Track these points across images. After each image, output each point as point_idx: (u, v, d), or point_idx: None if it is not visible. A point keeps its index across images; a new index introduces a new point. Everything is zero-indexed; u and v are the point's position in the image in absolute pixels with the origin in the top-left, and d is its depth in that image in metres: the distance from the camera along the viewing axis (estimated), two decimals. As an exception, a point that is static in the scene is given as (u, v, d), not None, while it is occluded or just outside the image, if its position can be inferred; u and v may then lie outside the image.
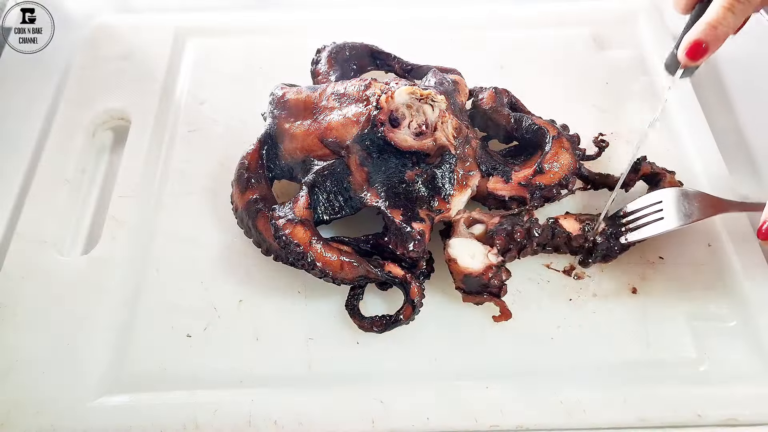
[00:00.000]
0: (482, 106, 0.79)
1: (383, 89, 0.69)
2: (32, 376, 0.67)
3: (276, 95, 0.76)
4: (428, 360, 0.68)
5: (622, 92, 0.91)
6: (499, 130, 0.79)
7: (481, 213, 0.71)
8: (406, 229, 0.66)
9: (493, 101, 0.78)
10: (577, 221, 0.72)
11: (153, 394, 0.66)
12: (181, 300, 0.72)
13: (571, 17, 1.00)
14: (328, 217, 0.70)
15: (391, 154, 0.67)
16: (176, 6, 1.06)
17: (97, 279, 0.74)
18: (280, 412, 0.64)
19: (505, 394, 0.65)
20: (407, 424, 0.64)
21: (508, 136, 0.79)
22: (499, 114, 0.78)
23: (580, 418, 0.64)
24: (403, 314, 0.67)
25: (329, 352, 0.68)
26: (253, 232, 0.72)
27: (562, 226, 0.71)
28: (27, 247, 0.76)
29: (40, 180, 0.82)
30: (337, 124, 0.69)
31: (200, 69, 0.95)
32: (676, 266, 0.74)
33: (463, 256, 0.67)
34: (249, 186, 0.73)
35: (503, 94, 0.80)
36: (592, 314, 0.70)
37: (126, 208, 0.79)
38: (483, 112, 0.79)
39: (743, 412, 0.64)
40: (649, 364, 0.67)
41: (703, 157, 0.82)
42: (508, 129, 0.78)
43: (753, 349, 0.68)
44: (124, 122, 0.89)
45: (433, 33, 0.98)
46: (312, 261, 0.66)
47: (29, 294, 0.73)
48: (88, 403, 0.65)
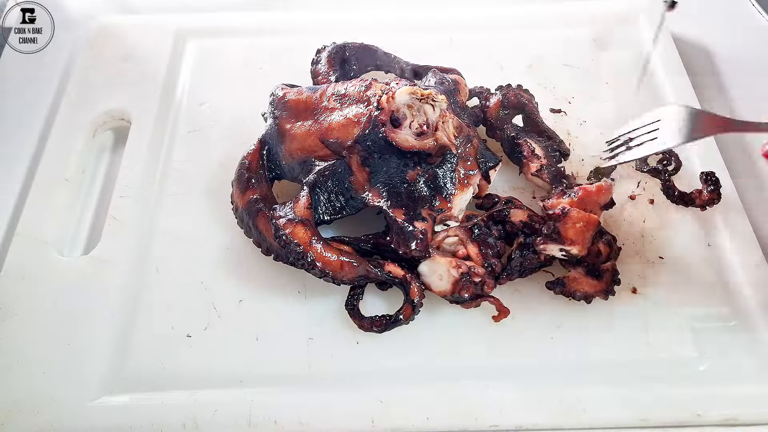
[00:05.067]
0: (486, 115, 0.80)
1: (384, 89, 0.69)
2: (32, 376, 0.67)
3: (276, 96, 0.76)
4: (428, 360, 0.68)
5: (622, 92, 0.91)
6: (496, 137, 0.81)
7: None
8: (408, 229, 0.66)
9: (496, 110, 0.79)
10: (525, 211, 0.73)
11: (153, 394, 0.66)
12: (181, 300, 0.72)
13: (571, 17, 1.00)
14: (328, 217, 0.70)
15: (393, 154, 0.67)
16: (177, 7, 1.07)
17: (97, 279, 0.74)
18: (280, 412, 0.65)
19: (504, 393, 0.65)
20: (407, 424, 0.64)
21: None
22: (496, 129, 0.80)
23: (580, 417, 0.64)
24: (403, 314, 0.67)
25: (329, 351, 0.68)
26: (253, 232, 0.72)
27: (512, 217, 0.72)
28: (27, 247, 0.76)
29: (41, 180, 0.82)
30: (338, 124, 0.69)
31: (200, 69, 0.95)
32: (676, 266, 0.74)
33: (434, 280, 0.68)
34: (249, 186, 0.73)
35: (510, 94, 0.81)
36: (591, 314, 0.70)
37: (126, 209, 0.79)
38: (486, 119, 0.81)
39: (743, 412, 0.64)
40: (649, 364, 0.67)
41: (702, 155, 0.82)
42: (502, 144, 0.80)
43: (753, 349, 0.68)
44: (125, 122, 0.89)
45: (433, 33, 0.98)
46: (312, 261, 0.66)
47: (29, 294, 0.73)
48: (88, 402, 0.65)
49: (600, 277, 0.70)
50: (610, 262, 0.71)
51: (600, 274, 0.71)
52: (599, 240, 0.71)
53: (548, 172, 0.76)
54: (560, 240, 0.68)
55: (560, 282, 0.70)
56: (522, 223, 0.71)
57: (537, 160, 0.76)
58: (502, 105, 0.80)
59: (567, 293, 0.70)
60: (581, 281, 0.70)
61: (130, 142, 0.86)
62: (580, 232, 0.68)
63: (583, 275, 0.70)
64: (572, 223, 0.68)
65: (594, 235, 0.70)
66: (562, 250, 0.68)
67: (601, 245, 0.70)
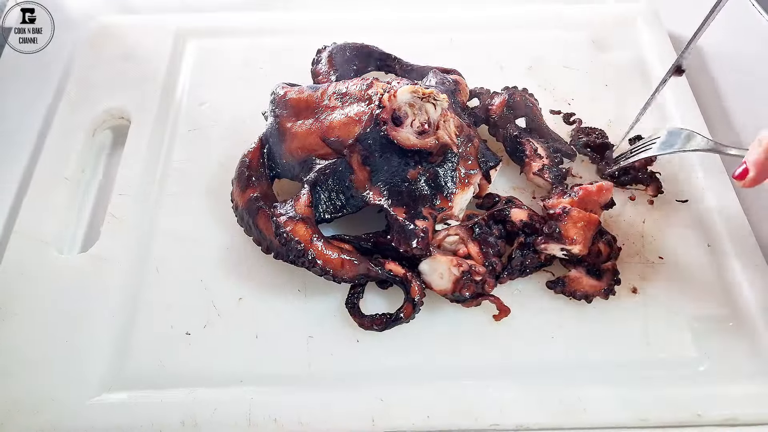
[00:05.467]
0: (490, 113, 0.81)
1: (385, 88, 0.69)
2: (32, 375, 0.67)
3: (277, 94, 0.76)
4: (428, 359, 0.68)
5: (621, 94, 0.91)
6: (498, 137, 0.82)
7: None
8: (409, 227, 0.66)
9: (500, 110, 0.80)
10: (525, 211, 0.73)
11: (152, 393, 0.66)
12: (181, 298, 0.72)
13: (570, 20, 1.01)
14: (329, 216, 0.70)
15: (394, 153, 0.67)
16: (177, 6, 1.07)
17: (96, 278, 0.73)
18: (280, 411, 0.64)
19: (505, 393, 0.65)
20: (407, 423, 0.64)
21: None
22: (498, 128, 0.80)
23: (580, 417, 0.64)
24: (404, 313, 0.67)
25: (329, 350, 0.68)
26: (253, 230, 0.72)
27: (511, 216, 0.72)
28: (26, 245, 0.76)
29: (40, 179, 0.82)
30: (339, 123, 0.69)
31: (200, 69, 0.95)
32: (676, 266, 0.74)
33: (434, 279, 0.68)
34: (250, 184, 0.73)
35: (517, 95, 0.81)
36: (592, 314, 0.70)
37: (126, 207, 0.79)
38: (488, 117, 0.81)
39: (743, 412, 0.64)
40: (649, 364, 0.67)
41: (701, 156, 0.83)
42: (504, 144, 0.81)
43: (753, 349, 0.68)
44: (124, 122, 0.89)
45: (433, 34, 0.98)
46: (312, 259, 0.66)
47: (28, 292, 0.72)
48: (88, 401, 0.65)
49: (600, 277, 0.71)
50: (610, 262, 0.71)
51: (600, 274, 0.71)
52: (599, 240, 0.71)
53: (550, 172, 0.76)
54: (561, 239, 0.68)
55: (561, 281, 0.71)
56: (522, 222, 0.71)
57: (539, 159, 0.77)
58: (507, 105, 0.80)
59: (567, 293, 0.70)
60: (582, 281, 0.70)
61: (129, 141, 0.85)
62: (581, 232, 0.68)
63: (583, 275, 0.71)
64: (573, 222, 0.68)
65: (594, 234, 0.70)
66: (563, 249, 0.69)
67: (601, 245, 0.70)
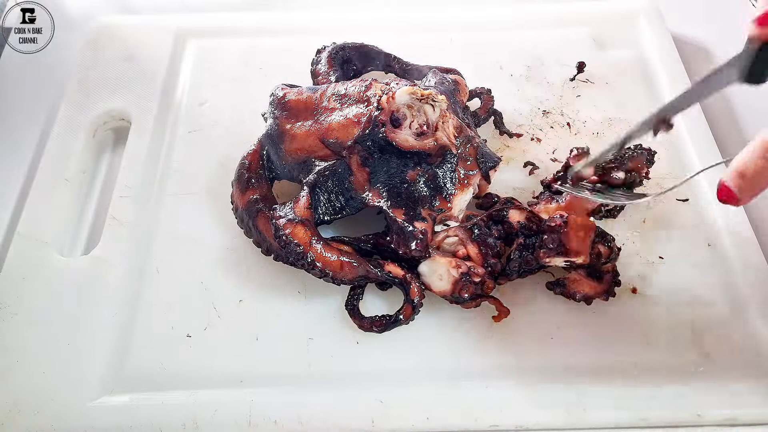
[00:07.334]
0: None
1: (384, 90, 0.69)
2: (32, 376, 0.67)
3: (276, 96, 0.76)
4: (428, 360, 0.68)
5: (622, 92, 0.91)
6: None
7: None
8: (408, 229, 0.66)
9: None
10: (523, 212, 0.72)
11: (153, 394, 0.66)
12: (181, 300, 0.72)
13: (571, 17, 1.00)
14: (328, 218, 0.70)
15: (393, 155, 0.67)
16: (177, 7, 1.07)
17: (97, 279, 0.74)
18: (280, 412, 0.64)
19: (504, 393, 0.65)
20: (407, 424, 0.64)
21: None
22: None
23: (580, 417, 0.64)
24: (403, 314, 0.67)
25: (329, 351, 0.68)
26: (253, 232, 0.72)
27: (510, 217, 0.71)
28: (28, 247, 0.76)
29: (41, 180, 0.82)
30: (338, 124, 0.69)
31: (200, 70, 0.95)
32: (676, 266, 0.74)
33: (434, 280, 0.68)
34: (249, 186, 0.73)
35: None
36: (591, 314, 0.70)
37: (126, 209, 0.79)
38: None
39: (743, 412, 0.64)
40: (649, 364, 0.67)
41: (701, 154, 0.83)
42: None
43: (753, 349, 0.68)
44: (125, 123, 0.89)
45: (432, 33, 0.98)
46: (312, 261, 0.66)
47: (29, 294, 0.73)
48: (88, 402, 0.65)
49: (600, 279, 0.70)
50: (610, 264, 0.71)
51: (600, 276, 0.71)
52: (599, 242, 0.70)
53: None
54: (566, 253, 0.68)
55: (560, 283, 0.70)
56: (521, 223, 0.71)
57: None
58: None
59: (567, 294, 0.70)
60: (581, 283, 0.70)
61: (130, 142, 0.85)
62: (582, 241, 0.68)
63: (583, 277, 0.70)
64: (573, 232, 0.68)
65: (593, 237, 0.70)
66: (567, 261, 0.68)
67: (600, 247, 0.70)
